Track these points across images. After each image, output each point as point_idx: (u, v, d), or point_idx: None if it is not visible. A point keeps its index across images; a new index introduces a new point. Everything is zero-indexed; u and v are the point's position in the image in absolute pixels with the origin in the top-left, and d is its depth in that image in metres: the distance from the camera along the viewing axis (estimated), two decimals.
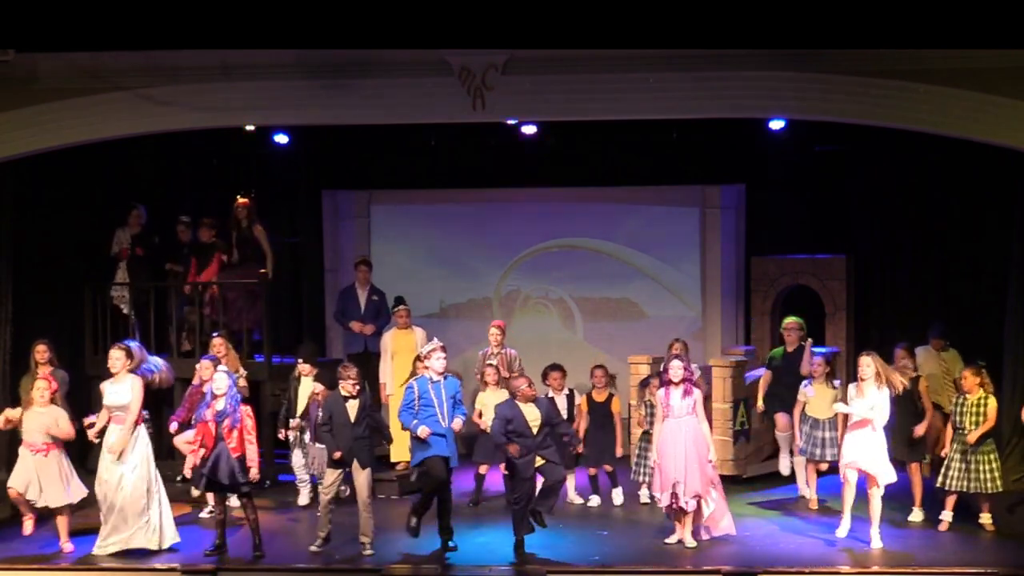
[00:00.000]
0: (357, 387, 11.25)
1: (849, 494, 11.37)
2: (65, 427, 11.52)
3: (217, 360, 12.43)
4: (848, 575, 10.55)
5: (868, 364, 11.24)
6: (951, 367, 13.27)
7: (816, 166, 15.27)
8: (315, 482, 12.73)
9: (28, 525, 11.64)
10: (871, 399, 11.19)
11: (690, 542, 11.26)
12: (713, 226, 16.23)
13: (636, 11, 10.73)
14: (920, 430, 12.10)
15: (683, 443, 11.21)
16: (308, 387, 12.92)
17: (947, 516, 11.84)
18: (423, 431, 11.12)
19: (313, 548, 11.27)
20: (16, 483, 11.45)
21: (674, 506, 11.22)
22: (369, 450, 11.31)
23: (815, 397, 12.50)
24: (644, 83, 12.17)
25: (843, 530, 11.41)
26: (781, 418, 13.23)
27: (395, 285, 15.12)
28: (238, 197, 14.70)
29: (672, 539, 11.35)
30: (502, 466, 12.43)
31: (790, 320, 13.38)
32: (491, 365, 13.23)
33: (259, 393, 13.68)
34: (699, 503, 11.22)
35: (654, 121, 13.21)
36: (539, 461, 11.07)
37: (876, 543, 11.16)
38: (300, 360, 13.06)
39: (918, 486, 12.21)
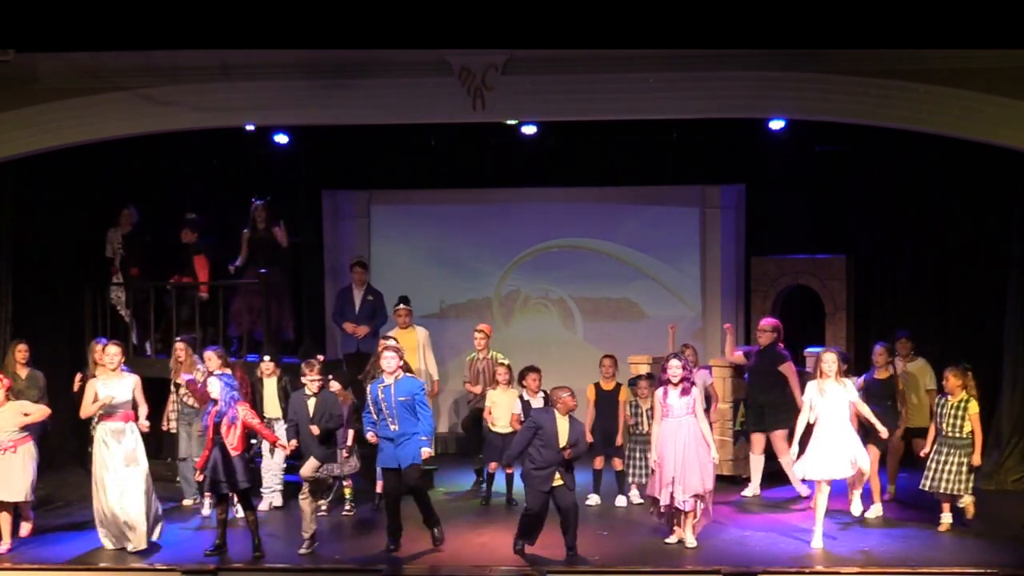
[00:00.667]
0: (317, 385, 11.32)
1: (822, 503, 11.26)
2: (36, 413, 11.50)
3: (221, 352, 12.46)
4: (848, 575, 10.55)
5: (834, 361, 11.22)
6: (917, 378, 12.95)
7: (816, 166, 15.26)
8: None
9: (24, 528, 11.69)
10: (834, 396, 11.15)
11: (691, 541, 11.24)
12: (713, 226, 16.23)
13: (636, 11, 10.73)
14: (884, 434, 11.78)
15: (683, 443, 11.17)
16: (272, 387, 12.89)
17: (947, 518, 11.81)
18: (370, 438, 11.19)
19: (301, 551, 11.24)
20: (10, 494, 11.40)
21: (672, 506, 11.18)
22: (323, 447, 11.31)
23: None
24: (644, 83, 12.18)
25: (817, 540, 11.22)
26: (758, 440, 13.21)
27: (395, 285, 15.12)
28: (254, 200, 14.72)
29: (672, 539, 11.34)
30: (507, 469, 12.43)
31: (765, 320, 13.37)
32: (503, 364, 13.22)
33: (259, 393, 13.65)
34: (695, 503, 11.17)
35: (654, 121, 13.22)
36: (557, 481, 10.95)
37: (877, 512, 11.15)
38: (266, 358, 12.99)
39: (876, 482, 12.20)
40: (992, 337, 13.67)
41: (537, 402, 12.73)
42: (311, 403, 11.37)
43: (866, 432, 11.58)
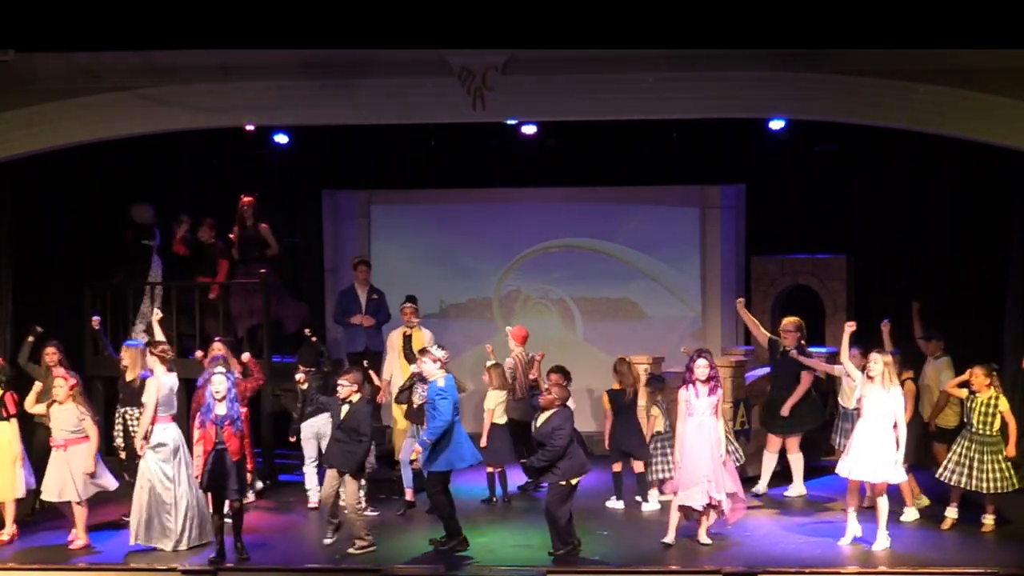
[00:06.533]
0: (348, 392, 11.23)
1: (854, 501, 11.25)
2: (91, 432, 11.47)
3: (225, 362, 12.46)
4: (848, 575, 10.55)
5: (878, 361, 11.08)
6: (940, 376, 12.87)
7: (816, 166, 15.27)
8: None
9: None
10: (880, 397, 11.08)
11: (704, 539, 11.19)
12: (713, 226, 16.24)
13: (637, 11, 10.73)
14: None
15: (709, 443, 11.14)
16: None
17: (952, 513, 11.83)
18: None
19: (326, 540, 11.34)
20: (50, 493, 11.43)
21: (711, 503, 11.13)
22: (348, 456, 11.18)
23: (847, 387, 12.42)
24: (644, 83, 12.18)
25: (847, 538, 11.22)
26: (775, 440, 13.19)
27: (395, 285, 15.12)
28: (242, 196, 14.73)
29: (669, 539, 11.17)
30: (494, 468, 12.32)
31: (788, 320, 13.34)
32: (496, 366, 13.20)
33: (259, 393, 13.66)
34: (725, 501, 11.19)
35: (654, 121, 13.22)
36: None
37: (883, 543, 11.10)
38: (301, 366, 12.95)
39: (907, 488, 12.20)
40: (992, 337, 13.66)
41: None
42: (344, 409, 11.28)
43: None
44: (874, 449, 11.06)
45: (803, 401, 13.04)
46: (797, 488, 13.11)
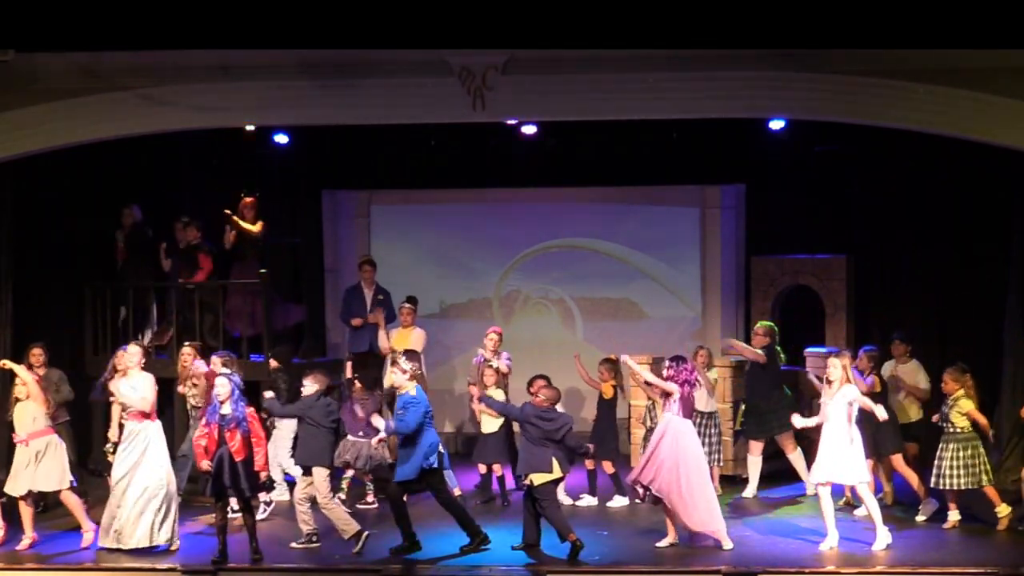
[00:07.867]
0: (310, 389, 11.39)
1: (828, 506, 11.21)
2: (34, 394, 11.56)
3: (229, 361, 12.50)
4: (848, 575, 10.55)
5: (835, 366, 11.12)
6: (906, 381, 12.76)
7: (816, 166, 15.26)
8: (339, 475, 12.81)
9: None
10: (841, 398, 11.07)
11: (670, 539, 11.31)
12: (713, 226, 16.24)
13: (636, 11, 10.74)
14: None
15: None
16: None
17: (954, 516, 11.82)
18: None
19: (294, 544, 11.37)
20: (16, 488, 11.46)
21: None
22: (318, 451, 11.31)
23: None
24: (644, 83, 12.18)
25: (828, 543, 11.15)
26: (756, 443, 13.23)
27: (395, 285, 15.12)
28: (243, 196, 14.71)
29: (664, 543, 11.28)
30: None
31: (760, 325, 13.37)
32: (491, 366, 13.20)
33: (258, 393, 13.64)
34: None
35: (654, 121, 13.22)
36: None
37: (885, 540, 11.08)
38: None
39: (913, 477, 12.19)
40: (992, 337, 13.67)
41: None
42: (319, 404, 11.45)
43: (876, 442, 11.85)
44: (846, 453, 11.05)
45: (775, 400, 13.04)
46: (810, 486, 13.06)
